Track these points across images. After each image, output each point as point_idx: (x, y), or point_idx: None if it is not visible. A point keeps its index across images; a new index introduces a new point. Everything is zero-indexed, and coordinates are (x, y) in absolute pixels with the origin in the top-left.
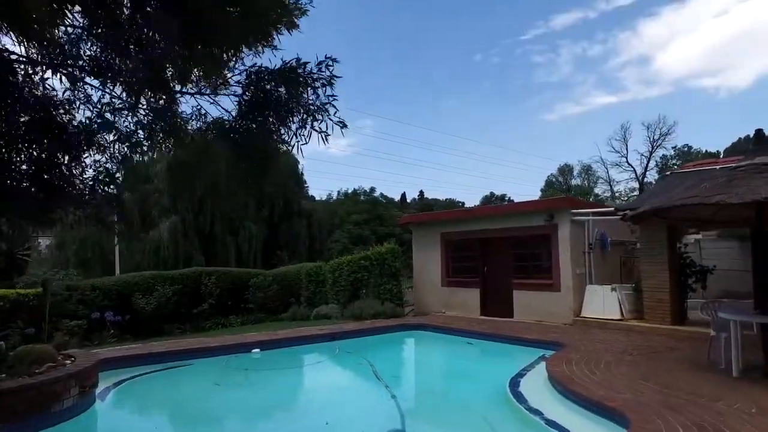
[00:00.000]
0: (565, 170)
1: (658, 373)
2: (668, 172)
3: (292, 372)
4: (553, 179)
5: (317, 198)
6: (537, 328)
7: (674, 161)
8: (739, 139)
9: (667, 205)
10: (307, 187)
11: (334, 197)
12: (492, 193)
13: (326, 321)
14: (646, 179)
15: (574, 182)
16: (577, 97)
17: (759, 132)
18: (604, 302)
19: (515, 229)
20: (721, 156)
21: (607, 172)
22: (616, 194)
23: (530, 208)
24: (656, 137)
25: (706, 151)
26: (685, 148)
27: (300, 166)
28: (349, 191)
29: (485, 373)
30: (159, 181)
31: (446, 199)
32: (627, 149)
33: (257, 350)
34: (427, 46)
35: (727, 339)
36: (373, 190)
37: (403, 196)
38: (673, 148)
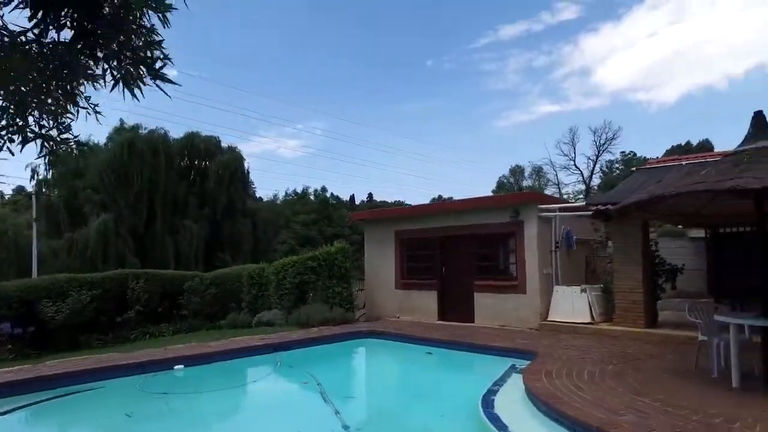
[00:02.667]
0: (517, 171)
1: (651, 386)
2: (634, 168)
3: (223, 394)
4: (505, 180)
5: (264, 198)
6: (502, 334)
7: (618, 165)
8: (673, 146)
9: (669, 193)
10: (254, 187)
11: (282, 197)
12: (440, 196)
13: (269, 329)
14: (592, 182)
15: (525, 183)
16: (525, 105)
17: (758, 114)
18: (573, 304)
19: (477, 226)
20: None
21: (556, 174)
22: (564, 196)
23: (494, 204)
24: (602, 142)
25: (645, 158)
26: (630, 154)
27: (245, 165)
28: (298, 191)
29: (451, 389)
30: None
31: (395, 201)
32: (575, 152)
33: (180, 367)
34: (381, 49)
35: (722, 345)
36: (324, 189)
37: (352, 197)
38: (620, 153)
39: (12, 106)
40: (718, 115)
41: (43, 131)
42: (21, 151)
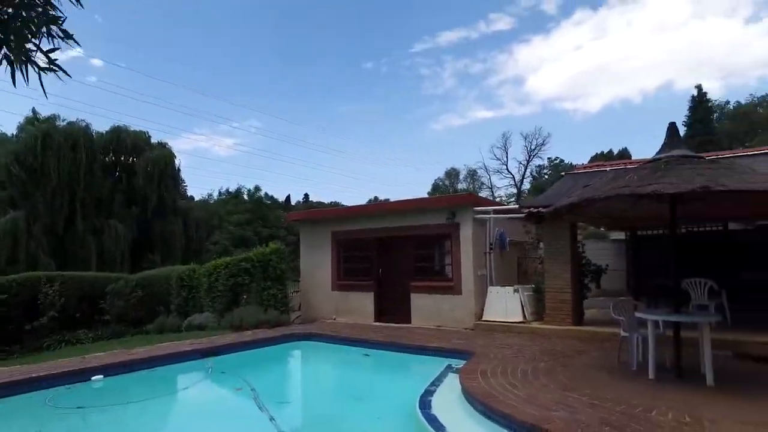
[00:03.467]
0: (452, 174)
1: (579, 382)
2: (563, 174)
3: (148, 405)
4: (440, 183)
5: (197, 197)
6: (438, 335)
7: (546, 171)
8: (596, 154)
9: (598, 196)
10: (186, 185)
11: (216, 197)
12: (376, 197)
13: (200, 333)
14: (523, 186)
15: (460, 186)
16: (460, 110)
17: (672, 125)
18: (506, 305)
19: (414, 227)
20: None
21: (489, 178)
22: (497, 199)
23: (431, 205)
24: (533, 147)
25: (572, 164)
26: (557, 160)
27: (177, 162)
28: (233, 191)
29: (388, 390)
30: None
31: (332, 202)
32: (507, 157)
33: (99, 377)
34: (320, 49)
35: (641, 339)
36: (258, 189)
37: (288, 198)
38: (548, 159)
39: None
40: (634, 126)
41: None
42: None
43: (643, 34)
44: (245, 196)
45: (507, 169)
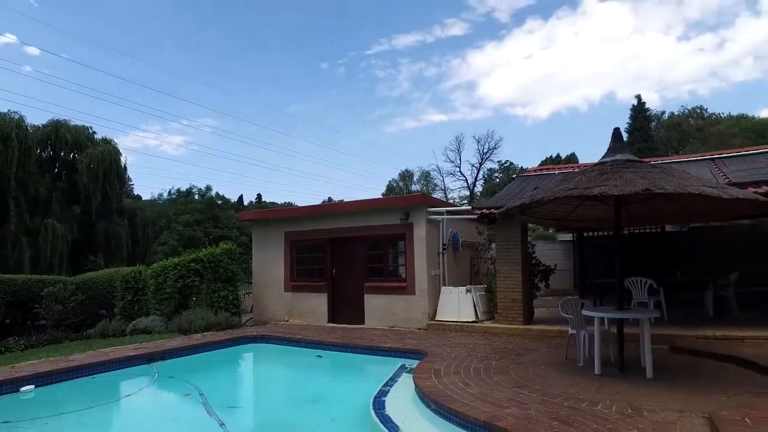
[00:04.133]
0: (406, 176)
1: (530, 379)
2: (515, 175)
3: (87, 415)
4: (394, 184)
5: (144, 197)
6: (392, 335)
7: (498, 173)
8: (546, 158)
9: (548, 197)
10: (132, 184)
11: (165, 196)
12: (330, 198)
13: (146, 337)
14: (476, 188)
15: (414, 188)
16: (414, 113)
17: (617, 130)
18: (459, 304)
19: (368, 228)
20: None
21: (443, 180)
22: (451, 201)
23: (385, 206)
24: (485, 151)
25: (522, 167)
26: (508, 163)
27: (122, 160)
28: (183, 190)
29: (342, 392)
30: None
31: (285, 203)
32: (460, 159)
33: (30, 387)
34: (276, 48)
35: (587, 336)
36: (209, 188)
37: (241, 198)
38: (499, 162)
39: None
40: (580, 132)
41: None
42: None
43: (589, 45)
44: (196, 196)
45: (460, 172)
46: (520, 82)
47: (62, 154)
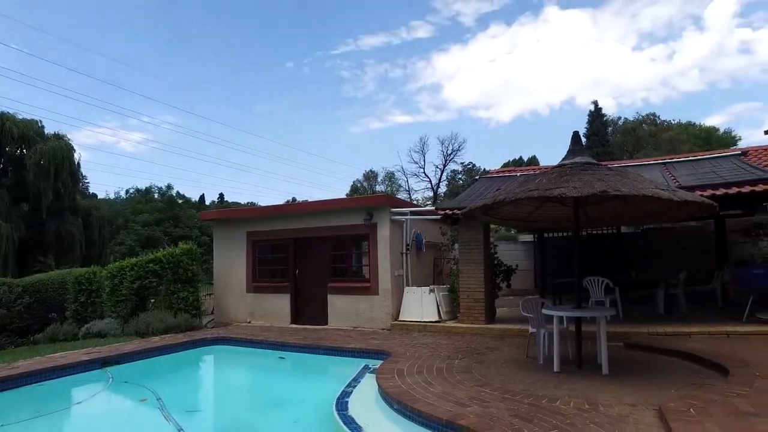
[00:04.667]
0: (371, 176)
1: (492, 377)
2: (477, 177)
3: (31, 426)
4: (359, 185)
5: (100, 195)
6: (356, 336)
7: (461, 175)
8: (508, 161)
9: (510, 198)
10: (87, 182)
11: (123, 195)
12: (294, 198)
13: (100, 341)
14: (440, 189)
15: (378, 188)
16: (379, 114)
17: (576, 134)
18: (422, 304)
19: (332, 228)
20: None
21: (407, 181)
22: (415, 201)
23: (349, 206)
24: (449, 152)
25: (485, 169)
26: (471, 165)
27: (76, 156)
28: (141, 189)
29: (304, 393)
30: None
31: (248, 203)
32: (424, 161)
33: None
34: (240, 46)
35: (547, 335)
36: (170, 187)
37: (202, 197)
38: (461, 163)
39: None
40: (541, 136)
41: None
42: None
43: (550, 51)
44: (156, 195)
45: (424, 173)
46: (484, 85)
47: (7, 149)
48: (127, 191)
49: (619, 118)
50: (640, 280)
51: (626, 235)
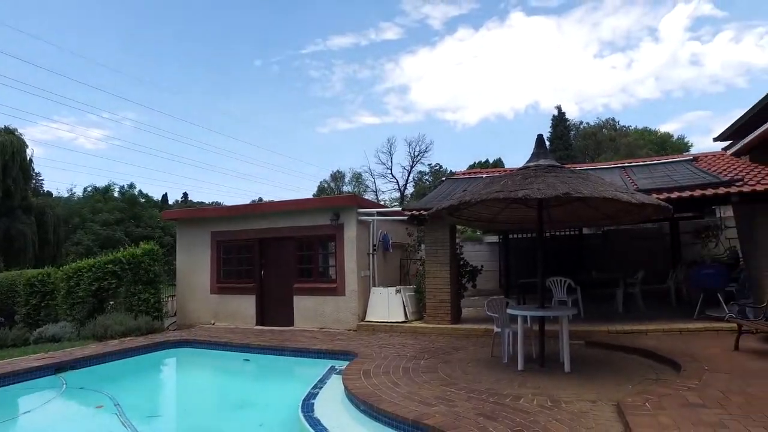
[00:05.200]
0: (338, 177)
1: (458, 377)
2: (444, 178)
3: None
4: (326, 185)
5: (56, 194)
6: (321, 337)
7: (428, 176)
8: (474, 162)
9: (475, 199)
10: (42, 179)
11: (79, 193)
12: (260, 198)
13: (54, 345)
14: (407, 191)
15: (345, 189)
16: (347, 114)
17: (540, 137)
18: (389, 305)
19: (298, 228)
20: None
21: (374, 181)
22: (382, 202)
23: (315, 206)
24: (416, 154)
25: (451, 171)
26: (437, 167)
27: (28, 152)
28: (100, 187)
29: (270, 395)
30: None
31: (213, 202)
32: (392, 162)
33: None
34: (207, 42)
35: (511, 334)
36: (132, 186)
37: (165, 196)
38: (428, 165)
39: None
40: (507, 139)
41: None
42: None
43: (516, 56)
44: (116, 194)
45: (391, 174)
46: (451, 88)
47: None
48: (84, 189)
49: (581, 122)
50: (601, 279)
51: (588, 237)
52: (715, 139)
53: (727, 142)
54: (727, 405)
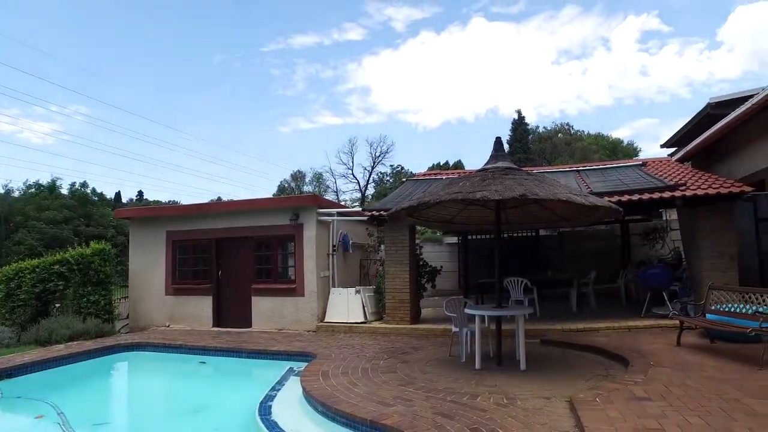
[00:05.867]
0: (298, 176)
1: (416, 376)
2: (404, 179)
3: None
4: (286, 185)
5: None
6: (280, 338)
7: (389, 178)
8: (434, 164)
9: (434, 200)
10: None
11: (23, 190)
12: (219, 197)
13: None
14: (367, 191)
15: (306, 189)
16: (309, 114)
17: (498, 139)
18: (348, 305)
19: (257, 228)
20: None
21: (335, 182)
22: (343, 203)
23: (274, 205)
24: (377, 155)
25: (412, 172)
26: (398, 167)
27: None
28: (44, 183)
29: (226, 399)
30: None
31: (170, 201)
32: (353, 162)
33: None
34: (165, 35)
35: (469, 333)
36: (84, 184)
37: (119, 194)
38: (390, 166)
39: None
40: (467, 142)
41: None
42: None
43: (477, 61)
44: (64, 191)
45: (353, 174)
46: (413, 90)
47: None
48: (27, 185)
49: (537, 127)
50: (556, 279)
51: (544, 238)
52: (662, 146)
53: (673, 149)
54: (669, 397)
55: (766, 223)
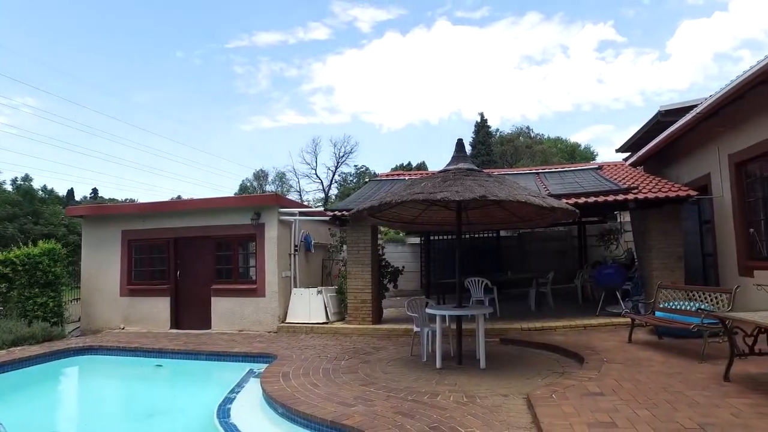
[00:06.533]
0: (261, 176)
1: (377, 376)
2: (368, 179)
3: None
4: (248, 184)
5: None
6: (240, 339)
7: (353, 178)
8: (398, 165)
9: (395, 200)
10: None
11: None
12: (179, 196)
13: None
14: (331, 191)
15: (268, 188)
16: (272, 113)
17: (460, 141)
18: (310, 306)
19: (217, 227)
20: None
21: (298, 181)
22: (306, 203)
23: (235, 205)
24: (341, 155)
25: (375, 172)
26: (362, 168)
27: None
28: None
29: (183, 403)
30: None
31: (126, 199)
32: (316, 162)
33: None
34: (123, 27)
35: (430, 333)
36: (27, 178)
37: (71, 192)
38: (354, 166)
39: None
40: (431, 143)
41: None
42: None
43: (442, 63)
44: (9, 187)
45: (316, 174)
46: (378, 91)
47: None
48: None
49: (497, 130)
50: (516, 279)
51: (504, 238)
52: (617, 151)
53: (627, 154)
54: (620, 392)
55: (708, 225)
